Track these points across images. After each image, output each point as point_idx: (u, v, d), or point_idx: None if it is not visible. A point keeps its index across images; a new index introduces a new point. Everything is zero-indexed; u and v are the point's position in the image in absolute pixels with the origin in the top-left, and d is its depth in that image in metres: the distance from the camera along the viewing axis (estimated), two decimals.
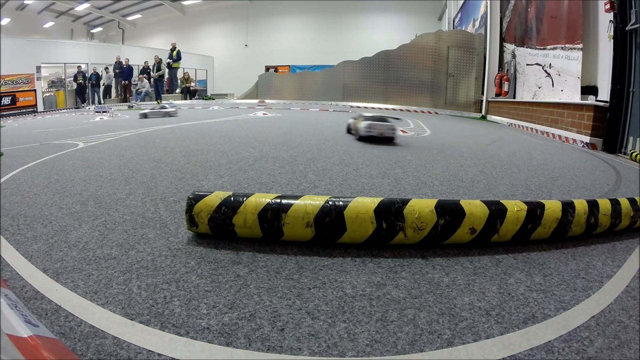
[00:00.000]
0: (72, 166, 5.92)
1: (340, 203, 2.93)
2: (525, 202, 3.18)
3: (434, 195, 4.60)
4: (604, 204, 3.40)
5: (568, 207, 3.23)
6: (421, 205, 2.95)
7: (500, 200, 3.18)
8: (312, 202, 2.96)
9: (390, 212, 2.90)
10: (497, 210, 3.03)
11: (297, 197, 3.02)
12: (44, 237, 3.18)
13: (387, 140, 8.49)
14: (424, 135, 10.66)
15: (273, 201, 2.96)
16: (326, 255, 2.94)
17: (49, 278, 2.51)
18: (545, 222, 3.13)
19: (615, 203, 3.46)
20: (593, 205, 3.35)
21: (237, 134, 9.78)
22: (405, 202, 2.96)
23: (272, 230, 2.95)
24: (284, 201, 2.94)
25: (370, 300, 2.34)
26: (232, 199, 3.00)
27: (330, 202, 2.93)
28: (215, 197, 3.02)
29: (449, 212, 2.95)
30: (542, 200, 3.29)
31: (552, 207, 3.19)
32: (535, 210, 3.12)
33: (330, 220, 2.88)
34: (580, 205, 3.30)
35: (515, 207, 3.08)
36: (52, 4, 28.89)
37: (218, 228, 3.02)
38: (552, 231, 3.19)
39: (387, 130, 8.45)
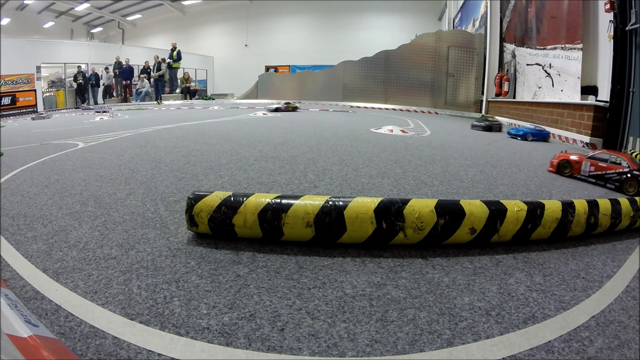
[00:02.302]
0: (72, 166, 5.92)
1: (340, 203, 2.93)
2: (525, 202, 3.18)
3: (434, 195, 4.60)
4: (604, 204, 3.39)
5: (568, 207, 3.23)
6: (421, 205, 2.95)
7: (500, 201, 3.18)
8: (312, 202, 2.95)
9: (390, 212, 2.90)
10: (497, 210, 3.04)
11: (297, 197, 3.02)
12: (44, 237, 3.19)
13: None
14: (424, 135, 10.66)
15: (273, 201, 2.95)
16: (326, 255, 2.94)
17: (49, 278, 2.51)
18: (545, 222, 3.13)
19: (615, 203, 3.46)
20: (593, 205, 3.34)
21: (237, 134, 9.78)
22: (405, 202, 2.96)
23: (272, 231, 2.95)
24: (284, 201, 2.94)
25: (370, 300, 2.34)
26: (232, 199, 3.00)
27: (330, 202, 2.93)
28: (215, 197, 3.02)
29: (449, 212, 2.95)
30: (542, 200, 3.29)
31: (552, 207, 3.19)
32: (535, 210, 3.12)
33: (330, 220, 2.89)
34: (580, 205, 3.30)
35: (515, 207, 3.08)
36: (52, 4, 28.89)
37: (218, 228, 3.02)
38: (552, 231, 3.19)
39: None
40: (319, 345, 1.92)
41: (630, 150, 8.61)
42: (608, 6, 9.03)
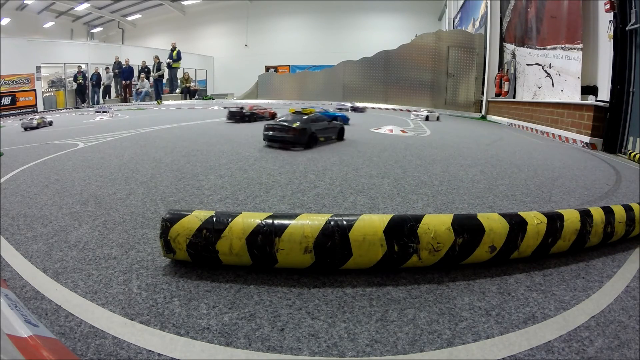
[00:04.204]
0: (72, 166, 5.92)
1: (344, 223, 2.53)
2: (544, 213, 2.97)
3: (433, 195, 4.60)
4: (619, 211, 3.25)
5: (586, 216, 3.05)
6: (437, 223, 2.62)
7: (519, 212, 2.95)
8: (310, 222, 2.53)
9: (402, 232, 2.54)
10: (517, 224, 2.79)
11: (292, 217, 2.60)
12: (44, 237, 3.18)
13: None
14: (424, 135, 10.66)
15: (264, 222, 2.52)
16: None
17: (49, 278, 2.51)
18: (565, 234, 2.94)
19: (628, 209, 3.33)
20: (609, 212, 3.19)
21: (237, 134, 9.78)
22: (418, 219, 2.62)
23: (263, 258, 2.53)
24: (277, 222, 2.52)
25: (370, 300, 2.34)
26: (214, 219, 2.56)
27: (332, 222, 2.53)
28: (195, 219, 2.57)
29: (468, 229, 2.67)
30: (559, 210, 3.12)
31: (571, 217, 3.00)
32: (555, 221, 2.91)
33: (333, 244, 2.49)
34: (597, 213, 3.13)
35: (535, 220, 2.85)
36: (52, 4, 28.89)
37: (199, 255, 2.58)
38: (571, 244, 3.01)
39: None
40: (319, 345, 1.92)
41: (629, 151, 8.62)
42: (608, 6, 9.04)
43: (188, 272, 2.61)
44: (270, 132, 7.68)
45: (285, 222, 2.53)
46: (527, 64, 14.56)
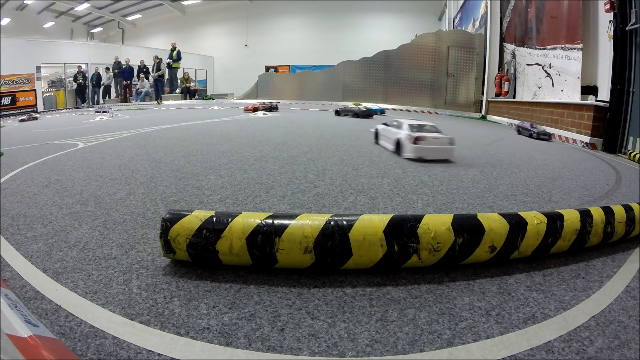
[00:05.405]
0: (72, 166, 5.92)
1: (344, 223, 2.52)
2: (544, 213, 2.97)
3: (433, 195, 4.60)
4: (619, 211, 3.25)
5: (586, 216, 3.05)
6: (437, 223, 2.61)
7: (519, 212, 2.96)
8: (310, 222, 2.53)
9: (402, 232, 2.54)
10: (517, 224, 2.79)
11: (292, 217, 2.59)
12: (44, 237, 3.18)
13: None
14: None
15: (264, 222, 2.51)
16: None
17: (49, 278, 2.51)
18: (565, 234, 2.94)
19: (628, 209, 3.32)
20: (609, 212, 3.19)
21: (237, 134, 9.78)
22: (418, 219, 2.61)
23: (263, 258, 2.53)
24: (277, 222, 2.51)
25: (370, 300, 2.34)
26: (214, 219, 2.55)
27: (332, 223, 2.52)
28: (195, 219, 2.56)
29: (468, 229, 2.65)
30: (559, 210, 3.12)
31: (571, 217, 3.00)
32: (555, 221, 2.91)
33: (333, 244, 2.49)
34: (597, 213, 3.13)
35: (535, 220, 2.85)
36: (52, 4, 28.90)
37: (199, 255, 2.57)
38: (570, 244, 3.01)
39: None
40: (319, 345, 1.92)
41: (629, 151, 8.62)
42: (608, 6, 9.05)
43: (188, 272, 2.61)
44: (345, 112, 16.19)
45: (285, 222, 2.52)
46: (527, 64, 14.57)
